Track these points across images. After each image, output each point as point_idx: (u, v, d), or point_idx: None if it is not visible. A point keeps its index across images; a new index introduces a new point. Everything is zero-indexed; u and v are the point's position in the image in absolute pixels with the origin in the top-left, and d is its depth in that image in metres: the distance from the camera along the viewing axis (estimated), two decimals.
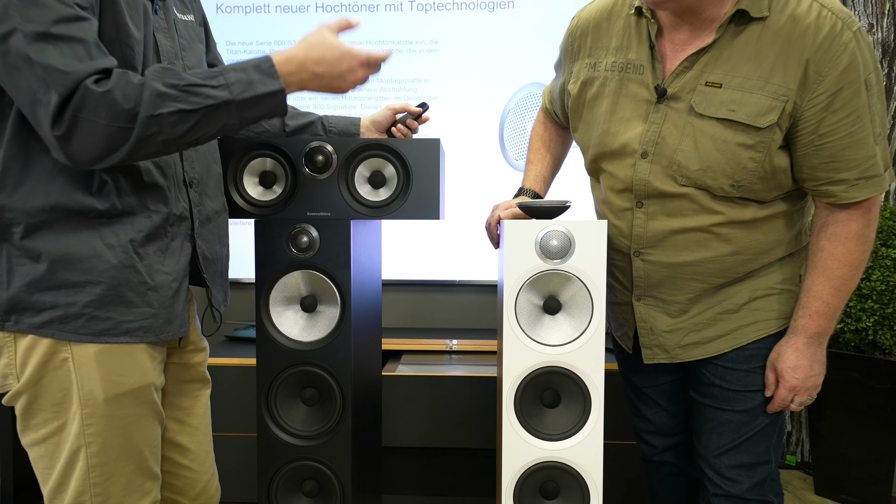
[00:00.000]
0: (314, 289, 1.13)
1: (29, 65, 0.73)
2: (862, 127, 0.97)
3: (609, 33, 1.13)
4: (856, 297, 1.98)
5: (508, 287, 1.06)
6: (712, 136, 1.01)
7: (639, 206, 1.11)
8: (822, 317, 1.05)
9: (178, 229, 0.92)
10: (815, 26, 0.96)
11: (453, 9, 2.38)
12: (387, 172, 1.13)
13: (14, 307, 0.82)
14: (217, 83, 0.81)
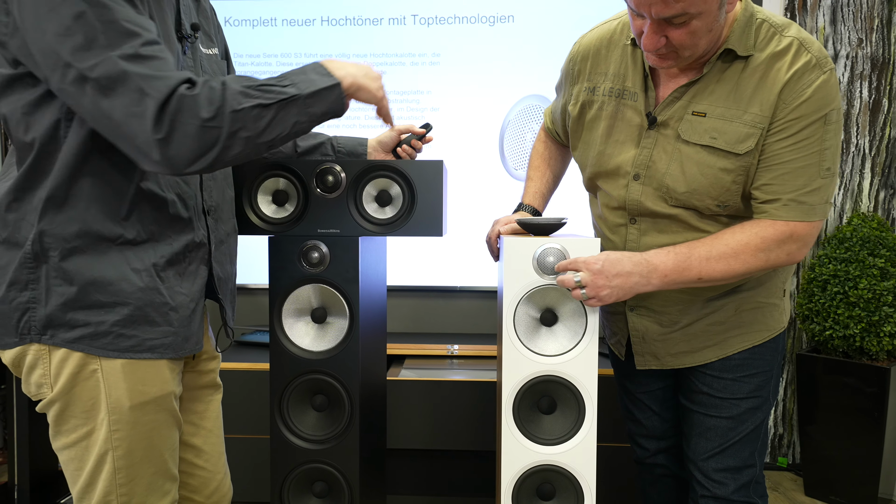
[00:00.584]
0: (324, 301, 1.19)
1: (123, 80, 0.79)
2: (809, 156, 1.03)
3: (608, 60, 1.20)
4: (844, 304, 2.05)
5: (507, 300, 1.13)
6: (697, 162, 1.09)
7: (632, 223, 1.18)
8: (674, 257, 1.05)
9: (195, 254, 0.99)
10: (790, 62, 1.03)
11: (455, 23, 2.45)
12: (393, 192, 1.20)
13: (50, 323, 0.89)
14: (285, 83, 0.90)
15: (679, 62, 1.05)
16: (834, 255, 2.12)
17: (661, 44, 1.01)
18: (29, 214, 0.89)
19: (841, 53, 2.34)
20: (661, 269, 1.06)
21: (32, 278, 0.88)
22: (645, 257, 1.07)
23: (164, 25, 0.94)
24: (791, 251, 1.06)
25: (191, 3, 1.06)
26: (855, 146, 2.37)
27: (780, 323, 1.22)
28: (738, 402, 1.18)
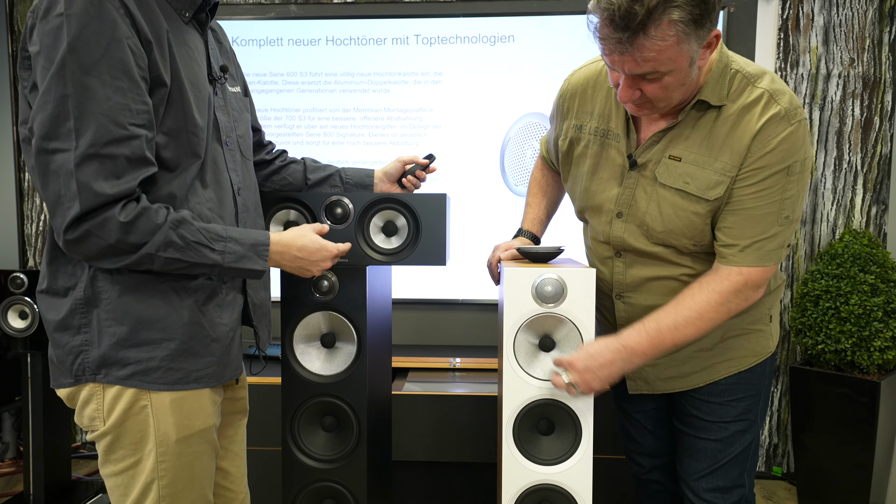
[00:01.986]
0: (333, 327, 1.25)
1: (68, 177, 0.85)
2: (769, 205, 1.07)
3: (593, 100, 1.25)
4: (835, 319, 2.11)
5: (507, 328, 1.18)
6: (672, 204, 1.14)
7: (618, 256, 1.24)
8: (647, 336, 1.10)
9: (231, 284, 1.05)
10: (760, 113, 1.06)
11: (457, 42, 2.51)
12: (399, 223, 1.26)
13: (104, 363, 0.94)
14: (217, 248, 0.96)
15: (655, 111, 1.10)
16: (826, 270, 2.18)
17: (636, 96, 1.04)
18: (70, 265, 0.95)
19: (833, 72, 2.40)
20: (637, 351, 1.11)
21: (84, 322, 0.94)
22: (622, 343, 1.12)
23: (195, 71, 0.99)
24: (748, 296, 1.11)
25: (217, 46, 1.12)
26: (847, 163, 2.43)
27: (767, 348, 1.26)
28: (727, 425, 1.23)
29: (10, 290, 2.08)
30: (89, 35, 0.85)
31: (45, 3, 0.87)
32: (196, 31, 1.04)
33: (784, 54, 2.41)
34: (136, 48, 0.88)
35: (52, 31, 0.85)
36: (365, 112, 2.56)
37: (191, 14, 1.02)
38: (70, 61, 0.84)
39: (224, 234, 0.97)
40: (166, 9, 0.98)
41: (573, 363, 1.12)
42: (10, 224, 2.62)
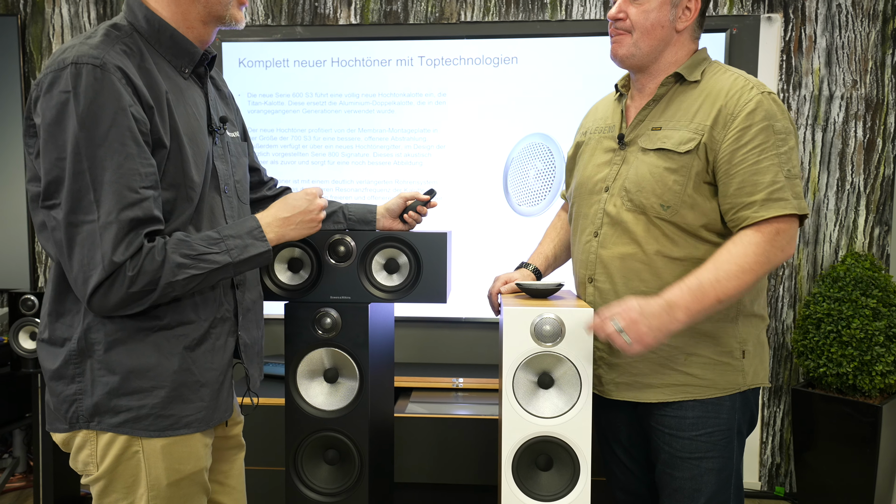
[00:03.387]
0: (336, 363, 1.28)
1: (93, 247, 0.90)
2: (768, 158, 1.14)
3: (597, 111, 1.44)
4: (837, 343, 2.11)
5: (507, 366, 1.21)
6: (648, 164, 1.23)
7: (595, 237, 1.30)
8: (689, 291, 1.11)
9: (222, 329, 1.07)
10: (730, 85, 1.20)
11: (460, 64, 2.53)
12: (400, 260, 1.28)
13: (97, 411, 0.98)
14: (219, 249, 1.00)
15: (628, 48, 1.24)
16: (828, 293, 2.18)
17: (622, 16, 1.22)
18: (66, 317, 0.99)
19: (836, 94, 2.41)
20: (679, 304, 1.11)
21: (78, 372, 0.98)
22: (663, 297, 1.13)
23: (194, 127, 1.03)
24: (784, 247, 1.14)
25: (216, 96, 1.15)
26: (850, 184, 2.43)
27: (735, 384, 1.22)
28: (697, 461, 1.22)
29: (22, 312, 2.12)
30: (96, 109, 0.89)
31: (50, 78, 0.90)
32: (196, 84, 1.07)
33: (786, 76, 2.42)
34: (139, 115, 0.92)
35: (58, 107, 0.89)
36: (369, 132, 2.59)
37: (190, 70, 1.05)
38: (81, 138, 0.88)
39: (219, 235, 1.01)
40: (165, 67, 1.01)
41: (623, 312, 1.11)
42: (21, 242, 2.67)
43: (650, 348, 1.13)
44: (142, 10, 1.00)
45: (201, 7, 1.02)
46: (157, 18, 1.00)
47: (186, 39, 1.03)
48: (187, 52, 1.03)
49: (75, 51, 0.91)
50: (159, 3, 1.01)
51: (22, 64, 2.63)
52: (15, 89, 2.62)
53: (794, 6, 2.39)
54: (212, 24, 1.05)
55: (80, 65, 0.89)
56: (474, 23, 2.53)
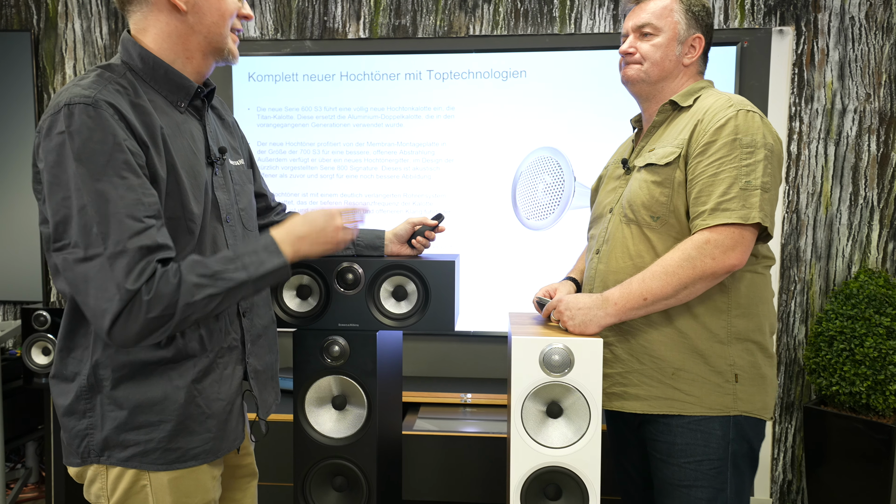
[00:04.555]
0: (344, 390, 1.28)
1: (105, 279, 0.89)
2: (727, 170, 1.20)
3: (619, 148, 1.54)
4: (850, 362, 2.09)
5: (515, 396, 1.20)
6: (639, 180, 1.30)
7: (597, 254, 1.36)
8: (620, 287, 1.23)
9: (229, 358, 1.07)
10: (711, 104, 1.27)
11: (469, 78, 2.53)
12: (409, 288, 1.28)
13: (106, 445, 0.99)
14: (235, 266, 0.99)
15: (638, 72, 1.33)
16: (841, 310, 2.16)
17: (632, 50, 1.33)
18: (76, 352, 1.00)
19: (849, 108, 2.38)
20: (610, 298, 1.23)
21: (89, 407, 0.99)
22: (599, 294, 1.26)
23: (191, 161, 1.03)
24: (715, 255, 1.17)
25: (217, 125, 1.15)
26: (863, 198, 2.40)
27: (723, 407, 1.23)
28: (687, 490, 1.23)
29: (34, 328, 2.15)
30: (93, 145, 0.90)
31: (48, 122, 0.92)
32: (193, 117, 1.08)
33: (798, 89, 2.40)
34: (134, 149, 0.93)
35: (56, 149, 0.90)
36: (378, 146, 2.59)
37: (186, 104, 1.05)
38: (80, 174, 0.89)
39: (234, 254, 1.00)
40: (161, 103, 1.01)
41: (559, 301, 1.28)
42: (33, 254, 2.70)
43: (585, 333, 1.23)
44: (136, 48, 1.01)
45: (201, 38, 1.02)
46: (151, 56, 1.01)
47: (181, 75, 1.03)
48: (182, 86, 1.04)
49: (68, 93, 0.93)
50: (157, 40, 1.02)
51: (35, 79, 2.65)
52: (29, 104, 2.65)
53: (807, 19, 2.37)
54: (211, 57, 1.06)
55: (73, 105, 0.91)
56: (483, 36, 2.53)
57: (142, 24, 1.02)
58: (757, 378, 1.25)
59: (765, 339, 1.27)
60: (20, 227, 2.69)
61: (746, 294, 1.25)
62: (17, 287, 2.72)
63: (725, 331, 1.24)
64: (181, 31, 1.01)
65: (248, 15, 1.07)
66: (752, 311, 1.26)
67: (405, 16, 2.56)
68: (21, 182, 2.68)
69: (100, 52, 2.67)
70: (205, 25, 1.02)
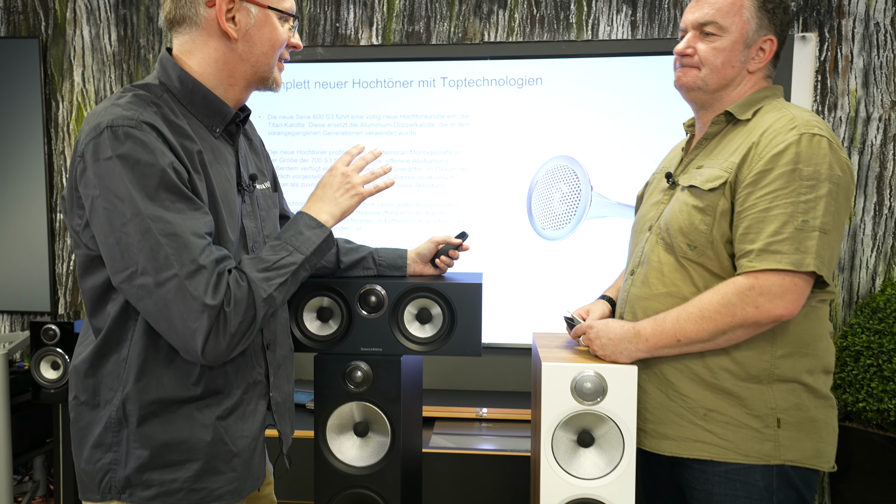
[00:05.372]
0: (367, 416, 1.24)
1: (187, 299, 0.87)
2: (781, 205, 1.05)
3: (671, 153, 1.41)
4: (877, 378, 2.04)
5: (546, 425, 1.16)
6: (681, 201, 1.18)
7: (631, 275, 1.27)
8: (653, 323, 1.13)
9: (253, 393, 1.04)
10: (772, 124, 1.11)
11: (484, 85, 2.48)
12: (433, 311, 1.24)
13: (129, 483, 0.95)
14: (287, 251, 1.00)
15: (695, 79, 1.18)
16: (867, 325, 2.10)
17: (689, 51, 1.17)
18: (107, 379, 0.96)
19: (874, 116, 2.33)
20: (642, 333, 1.14)
21: (115, 441, 0.95)
22: (632, 325, 1.16)
23: (225, 187, 1.00)
24: (759, 304, 1.04)
25: (246, 148, 1.11)
26: (888, 208, 2.35)
27: (762, 454, 1.10)
28: None
29: (43, 342, 2.11)
30: (142, 168, 0.87)
31: (91, 147, 0.88)
32: (226, 142, 1.05)
33: (821, 97, 2.34)
34: (179, 169, 0.91)
35: (107, 175, 0.87)
36: (391, 154, 2.55)
37: (221, 129, 1.02)
38: (136, 198, 0.86)
39: (281, 241, 1.00)
40: (196, 127, 0.99)
41: (590, 327, 1.21)
42: (41, 264, 2.66)
43: (614, 362, 1.16)
44: (175, 70, 0.98)
45: (249, 67, 1.00)
46: (191, 79, 0.98)
47: (220, 100, 1.00)
48: (219, 112, 1.01)
49: (109, 114, 0.89)
50: (202, 64, 0.99)
51: (43, 86, 2.62)
52: (36, 111, 2.62)
53: (830, 25, 2.31)
54: (254, 86, 1.04)
55: (116, 128, 0.88)
56: (498, 43, 2.48)
57: (188, 45, 0.99)
58: (805, 422, 1.10)
59: (816, 380, 1.12)
60: (28, 237, 2.65)
61: (797, 332, 1.10)
62: (25, 297, 2.68)
63: (767, 372, 1.10)
64: (228, 58, 0.99)
65: (297, 45, 1.04)
66: (803, 351, 1.11)
67: (419, 22, 2.52)
68: (29, 190, 2.65)
69: (108, 59, 2.63)
70: (254, 55, 0.99)
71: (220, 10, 0.95)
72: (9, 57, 2.61)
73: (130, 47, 2.62)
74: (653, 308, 1.18)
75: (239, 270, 0.94)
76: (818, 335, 1.13)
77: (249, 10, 0.97)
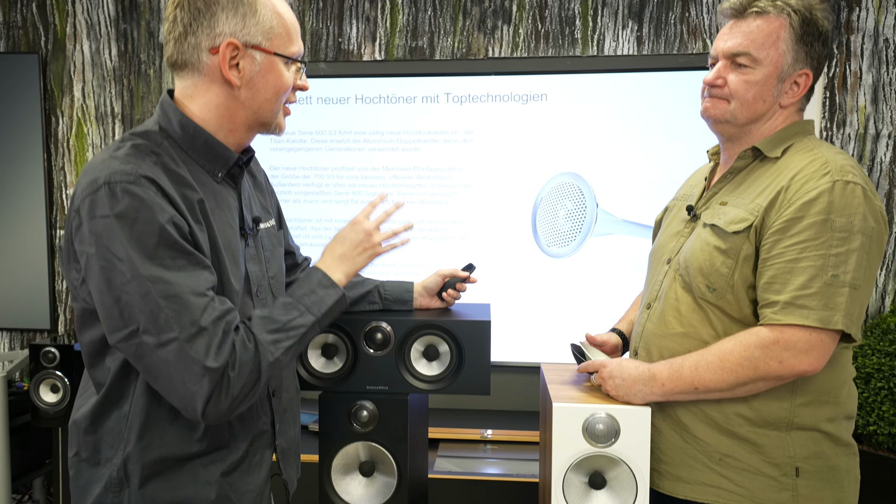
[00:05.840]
0: (372, 456, 1.21)
1: (188, 361, 0.84)
2: (810, 257, 1.01)
3: (692, 178, 1.36)
4: (889, 401, 2.00)
5: (556, 467, 1.13)
6: (703, 239, 1.14)
7: (647, 308, 1.23)
8: (668, 366, 1.09)
9: (259, 444, 1.01)
10: (803, 167, 1.06)
11: (488, 101, 2.46)
12: (441, 348, 1.21)
13: None
14: (299, 311, 0.96)
15: (724, 113, 1.12)
16: (877, 346, 2.07)
17: (719, 82, 1.11)
18: (108, 436, 0.93)
19: (883, 133, 2.30)
20: (658, 378, 1.10)
21: (116, 502, 0.92)
22: (647, 366, 1.13)
23: (228, 234, 0.97)
24: (783, 359, 1.01)
25: (250, 187, 1.09)
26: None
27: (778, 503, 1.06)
28: None
29: (43, 365, 2.08)
30: (140, 226, 0.84)
31: (87, 204, 0.85)
32: (229, 186, 1.02)
33: (830, 113, 2.32)
34: (179, 223, 0.88)
35: (103, 233, 0.84)
36: (394, 170, 2.52)
37: (223, 174, 0.99)
38: (134, 258, 0.83)
39: (293, 299, 0.98)
40: (198, 173, 0.96)
41: (603, 366, 1.17)
42: (41, 281, 2.64)
43: (627, 403, 1.13)
44: (176, 115, 0.95)
45: (250, 113, 0.97)
46: (192, 124, 0.95)
47: (221, 144, 0.97)
48: (222, 157, 0.98)
49: (106, 169, 0.86)
50: (203, 110, 0.96)
51: (43, 101, 2.59)
52: (36, 126, 2.59)
53: (839, 41, 2.29)
54: (255, 130, 1.01)
55: (114, 184, 0.84)
56: (502, 59, 2.46)
57: (190, 90, 0.96)
58: (826, 471, 1.08)
59: (837, 428, 1.09)
60: (27, 253, 2.63)
61: (819, 380, 1.07)
62: (24, 314, 2.65)
63: (786, 420, 1.07)
64: (230, 104, 0.96)
65: (304, 87, 1.01)
66: (825, 399, 1.07)
67: (422, 37, 2.49)
68: (29, 206, 2.62)
69: (108, 75, 2.60)
70: (256, 101, 0.96)
71: (224, 57, 0.92)
72: (8, 72, 2.59)
73: (131, 62, 2.60)
74: (668, 347, 1.16)
75: (247, 330, 0.91)
76: (840, 382, 1.10)
77: (254, 56, 0.93)
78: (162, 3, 2.57)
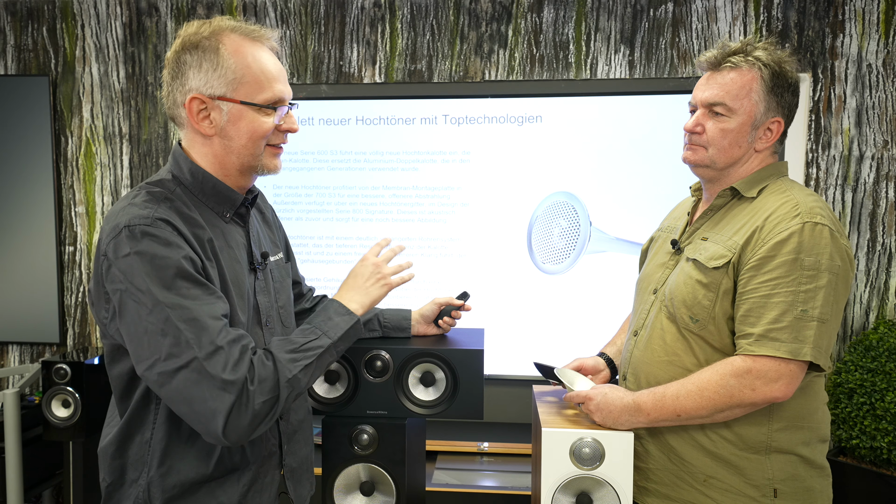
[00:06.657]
0: (372, 476, 1.28)
1: (208, 380, 0.90)
2: (782, 294, 1.09)
3: (676, 210, 1.45)
4: (871, 416, 2.08)
5: (546, 488, 1.20)
6: (685, 273, 1.22)
7: (635, 335, 1.31)
8: (652, 396, 1.17)
9: (268, 465, 1.08)
10: (776, 208, 1.15)
11: (485, 122, 2.54)
12: (437, 375, 1.28)
13: None
14: (316, 335, 1.04)
15: (703, 158, 1.22)
16: (860, 363, 2.15)
17: (699, 129, 1.21)
18: (132, 461, 1.00)
19: (866, 154, 2.38)
20: (642, 408, 1.18)
21: None
22: (632, 397, 1.20)
23: (236, 270, 1.04)
24: (755, 386, 1.09)
25: (258, 223, 1.16)
26: (881, 245, 2.39)
27: None
28: None
29: (54, 381, 2.16)
30: (159, 261, 0.92)
31: (112, 246, 0.93)
32: (237, 224, 1.09)
33: (815, 136, 2.39)
34: (194, 258, 0.95)
35: (127, 271, 0.92)
36: (394, 189, 2.60)
37: (231, 214, 1.07)
38: (154, 290, 0.90)
39: (311, 325, 1.05)
40: (208, 214, 1.03)
41: (589, 399, 1.23)
42: (51, 296, 2.71)
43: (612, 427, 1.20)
44: (186, 163, 1.03)
45: (235, 158, 1.04)
46: (201, 171, 1.03)
47: (228, 187, 1.05)
48: (229, 198, 1.06)
49: (126, 215, 0.94)
50: (201, 157, 1.04)
51: (53, 122, 2.67)
52: (46, 147, 2.67)
53: (823, 66, 2.36)
54: (248, 173, 1.07)
55: (133, 227, 0.93)
56: (498, 81, 2.54)
57: (187, 142, 1.05)
58: (801, 492, 1.16)
59: (812, 451, 1.17)
60: (37, 270, 2.70)
61: (793, 406, 1.15)
62: (34, 329, 2.73)
63: (765, 444, 1.16)
64: (216, 151, 1.03)
65: (291, 129, 1.06)
66: (799, 425, 1.16)
67: (421, 61, 2.57)
68: (39, 224, 2.70)
69: (117, 96, 2.68)
70: (235, 148, 1.03)
71: (191, 111, 0.99)
72: (20, 94, 2.67)
73: (138, 84, 2.67)
74: (654, 374, 1.24)
75: (266, 350, 0.98)
76: (813, 408, 1.18)
77: (221, 107, 1.00)
78: (169, 26, 2.65)
